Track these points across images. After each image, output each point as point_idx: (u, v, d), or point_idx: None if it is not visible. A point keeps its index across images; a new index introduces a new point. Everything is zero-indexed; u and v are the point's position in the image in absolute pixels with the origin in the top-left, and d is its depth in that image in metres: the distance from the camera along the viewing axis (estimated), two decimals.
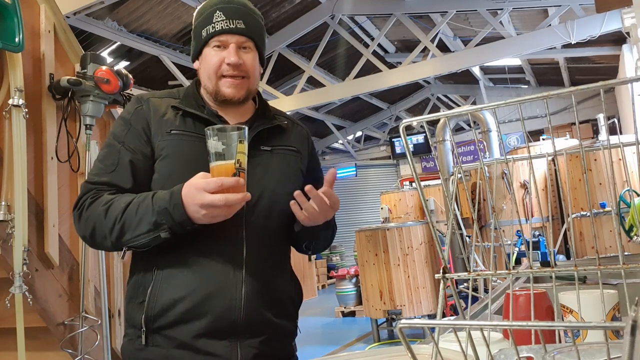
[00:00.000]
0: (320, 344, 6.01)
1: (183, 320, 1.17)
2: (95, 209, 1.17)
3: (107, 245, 1.19)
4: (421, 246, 5.97)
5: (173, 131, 1.23)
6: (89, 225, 1.18)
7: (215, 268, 1.19)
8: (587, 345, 0.60)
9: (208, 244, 1.20)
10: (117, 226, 1.14)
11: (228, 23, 1.23)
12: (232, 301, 1.18)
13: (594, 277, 1.33)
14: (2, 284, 2.05)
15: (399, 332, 0.44)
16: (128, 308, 1.24)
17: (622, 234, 2.97)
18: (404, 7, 7.78)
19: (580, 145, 0.72)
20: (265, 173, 1.27)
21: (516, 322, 0.43)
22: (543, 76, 11.29)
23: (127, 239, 1.14)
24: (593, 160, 4.55)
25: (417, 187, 1.52)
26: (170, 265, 1.20)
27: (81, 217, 1.19)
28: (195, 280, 1.18)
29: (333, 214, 1.28)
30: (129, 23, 6.90)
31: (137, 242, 1.14)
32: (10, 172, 1.98)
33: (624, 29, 5.97)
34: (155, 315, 1.18)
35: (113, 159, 1.23)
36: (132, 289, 1.24)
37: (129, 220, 1.13)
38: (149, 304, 1.18)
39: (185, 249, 1.19)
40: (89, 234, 1.19)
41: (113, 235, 1.15)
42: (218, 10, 1.24)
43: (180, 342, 1.17)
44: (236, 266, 1.20)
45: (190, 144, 1.23)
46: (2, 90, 2.00)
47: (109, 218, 1.15)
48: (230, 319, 1.18)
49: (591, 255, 4.30)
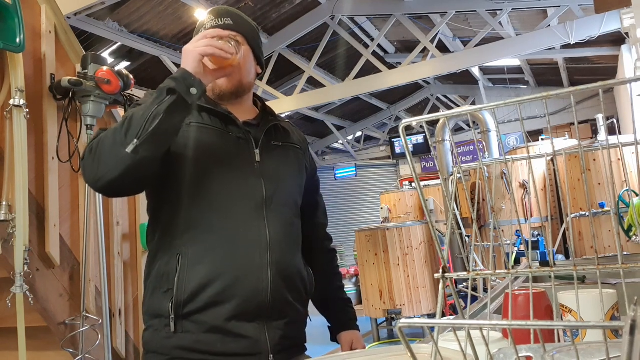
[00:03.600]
0: (320, 344, 6.00)
1: (213, 304, 1.19)
2: (105, 135, 1.15)
3: (121, 154, 1.09)
4: (421, 246, 5.98)
5: (192, 123, 1.27)
6: (98, 148, 1.13)
7: (241, 252, 1.23)
8: (586, 345, 0.61)
9: (231, 231, 1.23)
10: (126, 124, 1.10)
11: (217, 21, 1.34)
12: (260, 283, 1.23)
13: (593, 276, 1.33)
14: (3, 284, 2.06)
15: (398, 332, 0.44)
16: (151, 300, 1.24)
17: (621, 234, 2.98)
18: (404, 8, 7.78)
19: (579, 146, 0.73)
20: (280, 164, 1.36)
21: (515, 322, 0.43)
22: (542, 76, 11.29)
23: (140, 126, 1.09)
24: (592, 161, 4.55)
25: (417, 187, 1.53)
26: (195, 252, 1.21)
27: (91, 150, 1.14)
28: (224, 264, 1.21)
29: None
30: (129, 24, 6.90)
31: (150, 125, 1.08)
32: (11, 172, 1.99)
33: (623, 29, 5.97)
34: (185, 300, 1.18)
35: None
36: (155, 280, 1.24)
37: (138, 111, 1.12)
38: (177, 290, 1.18)
39: (208, 235, 1.22)
40: (97, 157, 1.12)
41: (125, 135, 1.09)
42: (209, 13, 1.37)
43: (210, 326, 1.19)
44: (262, 250, 1.25)
45: (205, 132, 1.27)
46: (3, 91, 2.00)
47: (117, 126, 1.12)
48: (259, 301, 1.22)
49: (590, 255, 4.31)
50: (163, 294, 1.21)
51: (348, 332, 1.47)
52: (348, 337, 1.46)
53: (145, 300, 1.27)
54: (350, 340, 1.46)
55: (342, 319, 1.51)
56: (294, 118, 12.63)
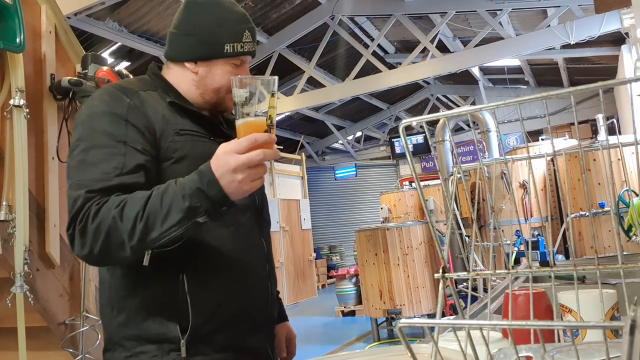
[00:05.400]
0: (320, 344, 6.01)
1: (230, 323, 1.14)
2: (106, 215, 0.97)
3: (124, 254, 0.98)
4: (421, 246, 5.98)
5: (182, 131, 1.15)
6: (98, 237, 0.97)
7: (249, 266, 1.19)
8: (586, 345, 0.61)
9: (236, 243, 1.17)
10: (139, 225, 0.95)
11: (252, 46, 1.22)
12: (267, 296, 1.23)
13: (593, 276, 1.33)
14: (3, 284, 2.05)
15: (398, 332, 0.45)
16: (145, 325, 1.09)
17: (621, 234, 2.98)
18: (404, 8, 7.79)
19: (579, 146, 0.73)
20: None
21: (515, 322, 0.43)
22: (542, 76, 11.29)
23: (153, 237, 0.96)
24: (592, 161, 4.55)
25: (417, 187, 1.53)
26: (199, 269, 1.11)
27: (86, 230, 0.97)
28: (236, 281, 1.16)
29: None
30: (129, 24, 6.90)
31: (168, 236, 0.96)
32: (12, 172, 1.99)
33: (622, 29, 5.98)
34: (202, 322, 1.09)
35: (117, 161, 1.04)
36: (148, 303, 1.09)
37: (154, 214, 0.95)
38: (194, 313, 1.08)
39: (208, 249, 1.13)
40: (99, 248, 0.97)
41: (135, 238, 0.95)
42: (248, 30, 1.21)
43: (225, 344, 1.13)
44: (263, 261, 1.24)
45: (201, 144, 1.16)
46: (3, 91, 2.00)
47: (127, 219, 0.96)
48: (266, 313, 1.24)
49: (590, 255, 4.31)
50: (165, 318, 1.08)
51: (282, 324, 1.45)
52: (283, 330, 1.45)
53: (126, 322, 1.11)
54: (285, 332, 1.45)
55: (279, 312, 1.47)
56: (294, 118, 12.64)
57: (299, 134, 13.54)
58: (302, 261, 10.12)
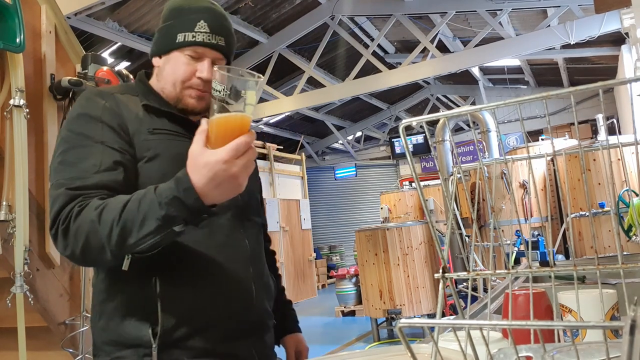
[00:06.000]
0: (320, 343, 6.01)
1: (205, 328, 1.09)
2: (86, 216, 0.97)
3: (105, 258, 0.98)
4: (421, 246, 5.98)
5: (155, 130, 1.13)
6: (79, 238, 0.97)
7: (229, 268, 1.14)
8: (586, 345, 0.61)
9: (212, 244, 1.13)
10: (115, 230, 0.94)
11: (210, 37, 1.16)
12: (249, 299, 1.16)
13: (593, 276, 1.33)
14: (3, 284, 2.06)
15: (398, 332, 0.45)
16: (121, 328, 1.08)
17: (621, 234, 2.98)
18: (404, 8, 7.79)
19: (579, 146, 0.73)
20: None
21: (515, 322, 0.44)
22: (542, 76, 11.30)
23: (130, 244, 0.95)
24: (592, 161, 4.56)
25: (417, 187, 1.52)
26: (174, 271, 1.08)
27: (68, 231, 0.98)
28: (213, 283, 1.12)
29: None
30: (129, 24, 6.90)
31: (144, 244, 0.95)
32: (12, 172, 1.99)
33: (622, 29, 5.98)
34: (173, 326, 1.06)
35: (95, 159, 1.04)
36: (123, 305, 1.08)
37: (131, 220, 0.94)
38: (163, 316, 1.06)
39: (181, 251, 1.09)
40: (80, 249, 0.97)
41: (112, 242, 0.95)
42: (203, 20, 1.16)
43: (201, 350, 1.09)
44: (246, 263, 1.18)
45: (177, 142, 1.14)
46: (3, 91, 2.01)
47: (104, 223, 0.95)
48: (249, 317, 1.17)
49: (590, 255, 4.31)
50: (138, 322, 1.06)
51: (292, 335, 1.43)
52: (292, 341, 1.42)
53: (105, 327, 1.10)
54: (294, 344, 1.42)
55: (287, 322, 1.45)
56: (294, 118, 12.64)
57: (299, 134, 13.56)
58: (302, 261, 10.12)
